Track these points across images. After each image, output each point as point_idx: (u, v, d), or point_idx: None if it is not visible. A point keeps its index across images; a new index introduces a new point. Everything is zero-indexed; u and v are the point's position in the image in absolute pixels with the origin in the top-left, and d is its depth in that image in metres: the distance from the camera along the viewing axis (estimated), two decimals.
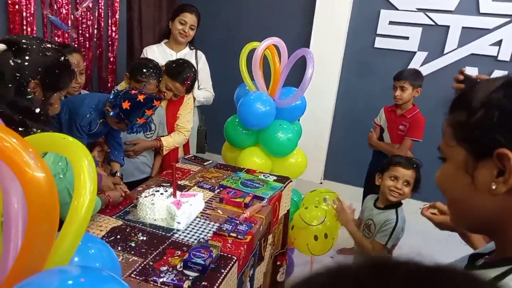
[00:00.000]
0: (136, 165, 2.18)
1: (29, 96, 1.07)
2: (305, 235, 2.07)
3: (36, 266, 0.55)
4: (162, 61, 2.27)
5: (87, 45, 2.73)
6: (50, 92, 1.15)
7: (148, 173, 2.24)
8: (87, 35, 2.70)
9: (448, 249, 1.86)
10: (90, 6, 2.63)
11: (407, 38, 3.25)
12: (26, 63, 1.08)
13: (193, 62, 2.50)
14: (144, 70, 2.00)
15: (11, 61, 1.05)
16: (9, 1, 2.11)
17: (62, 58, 1.17)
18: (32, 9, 2.22)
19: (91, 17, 2.70)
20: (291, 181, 2.15)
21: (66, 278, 0.53)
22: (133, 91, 1.74)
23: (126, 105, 1.68)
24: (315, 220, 2.13)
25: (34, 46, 1.10)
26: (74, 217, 0.59)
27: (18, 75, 1.06)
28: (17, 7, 2.14)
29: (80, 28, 2.63)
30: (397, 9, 3.23)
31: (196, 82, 2.50)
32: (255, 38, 2.44)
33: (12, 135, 0.54)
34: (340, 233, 2.21)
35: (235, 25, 3.82)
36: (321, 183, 3.84)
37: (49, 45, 1.15)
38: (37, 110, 1.07)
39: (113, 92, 1.74)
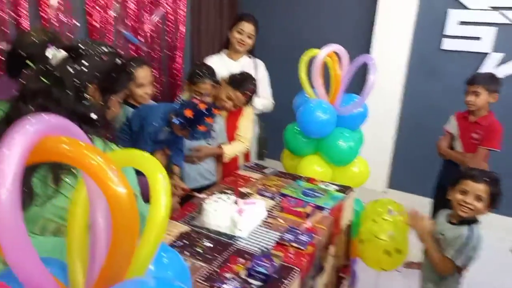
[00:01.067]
0: (200, 172, 2.26)
1: (86, 102, 1.08)
2: (375, 251, 1.98)
3: (119, 275, 0.59)
4: (222, 70, 2.34)
5: (156, 57, 2.90)
6: (108, 96, 1.15)
7: (211, 180, 2.31)
8: (155, 47, 2.87)
9: None
10: (160, 20, 2.79)
11: (478, 38, 3.03)
12: (84, 68, 1.07)
13: (252, 71, 2.55)
14: (197, 71, 2.16)
15: (70, 67, 1.05)
16: (89, 20, 2.31)
17: (119, 60, 1.16)
18: (111, 26, 2.43)
19: (160, 31, 2.87)
20: (353, 191, 2.10)
21: None
22: (195, 100, 1.84)
23: (188, 113, 1.78)
24: (384, 234, 2.04)
25: (91, 51, 1.10)
26: (151, 229, 0.63)
27: (77, 81, 1.06)
28: (96, 25, 2.35)
29: (149, 41, 2.80)
30: (467, 8, 3.03)
31: None
32: (315, 44, 2.43)
33: (98, 153, 0.58)
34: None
35: (294, 32, 3.83)
36: (385, 192, 3.69)
37: (105, 49, 1.14)
38: (93, 116, 1.06)
39: (177, 101, 1.84)
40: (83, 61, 1.07)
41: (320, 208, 1.81)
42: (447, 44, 3.18)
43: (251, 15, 2.72)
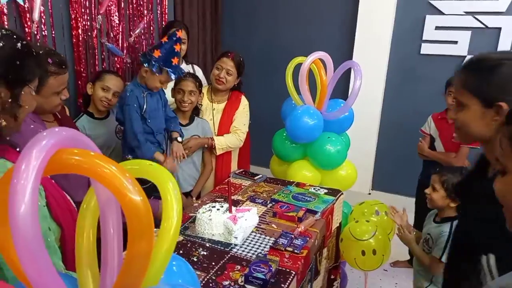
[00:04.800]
0: (183, 177, 2.26)
1: None
2: (353, 249, 2.03)
3: (136, 284, 0.60)
4: None
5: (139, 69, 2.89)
6: (18, 89, 0.93)
7: (189, 189, 2.31)
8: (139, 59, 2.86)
9: None
10: (142, 31, 2.79)
11: (455, 42, 3.15)
12: None
13: None
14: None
15: None
16: (73, 33, 2.30)
17: (19, 44, 0.92)
18: (95, 39, 2.42)
19: (144, 43, 2.87)
20: (342, 193, 2.14)
21: None
22: (155, 44, 1.85)
23: (157, 53, 1.78)
24: (366, 234, 2.08)
25: None
26: (164, 238, 0.64)
27: None
28: (80, 38, 2.33)
29: (133, 53, 2.80)
30: (443, 13, 3.15)
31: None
32: (300, 52, 2.47)
33: (111, 162, 0.59)
34: (393, 246, 2.15)
35: (278, 41, 3.88)
36: (370, 193, 3.76)
37: None
38: None
39: (140, 56, 1.85)
40: None
41: (312, 211, 1.84)
42: (426, 49, 3.29)
43: (180, 21, 2.69)
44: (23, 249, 0.49)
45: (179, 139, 2.07)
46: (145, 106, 1.88)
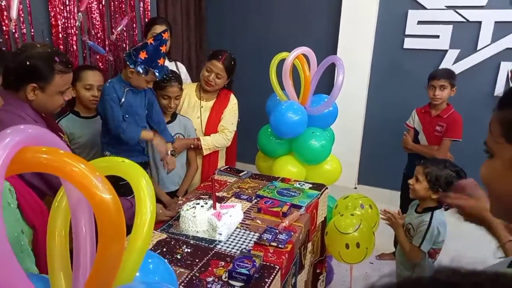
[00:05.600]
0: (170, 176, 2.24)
1: None
2: (337, 243, 2.06)
3: (107, 283, 0.60)
4: None
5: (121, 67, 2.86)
6: None
7: (174, 188, 2.29)
8: (121, 56, 2.83)
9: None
10: (124, 29, 2.75)
11: (437, 36, 3.19)
12: None
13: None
14: (165, 76, 2.12)
15: None
16: (53, 31, 2.26)
17: None
18: (74, 37, 2.38)
19: (127, 40, 2.83)
20: (327, 188, 2.15)
21: None
22: (140, 44, 1.82)
23: (143, 55, 1.76)
24: (350, 228, 2.11)
25: None
26: (137, 235, 0.64)
27: None
28: (60, 35, 2.29)
29: (115, 51, 2.76)
30: (425, 8, 3.18)
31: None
32: (284, 47, 2.47)
33: (80, 161, 0.58)
34: (378, 239, 2.18)
35: (262, 36, 3.88)
36: (356, 188, 3.80)
37: None
38: None
39: (124, 55, 1.83)
40: None
41: (296, 206, 1.85)
42: (408, 43, 3.32)
43: (163, 17, 2.66)
44: None
45: (172, 152, 2.06)
46: (122, 99, 1.86)
